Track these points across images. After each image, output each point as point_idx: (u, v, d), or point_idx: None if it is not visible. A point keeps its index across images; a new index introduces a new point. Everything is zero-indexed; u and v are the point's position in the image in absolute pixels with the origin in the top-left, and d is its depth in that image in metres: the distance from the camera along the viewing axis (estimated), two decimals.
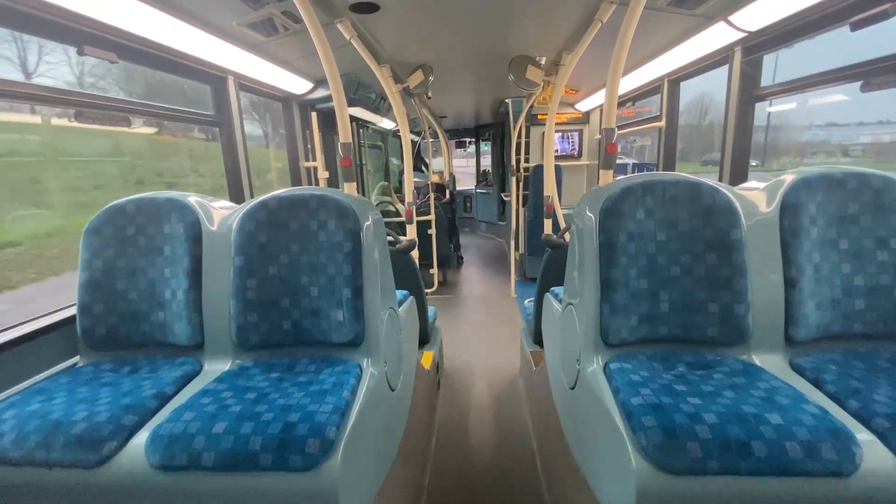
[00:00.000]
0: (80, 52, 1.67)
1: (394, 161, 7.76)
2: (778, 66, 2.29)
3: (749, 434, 0.88)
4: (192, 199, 1.49)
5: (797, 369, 1.20)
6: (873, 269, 1.23)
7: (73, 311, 1.45)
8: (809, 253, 1.25)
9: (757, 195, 1.34)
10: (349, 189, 2.00)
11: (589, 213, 1.32)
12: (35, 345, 1.35)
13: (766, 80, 2.29)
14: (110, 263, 1.42)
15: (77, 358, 1.44)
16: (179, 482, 0.96)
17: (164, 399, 1.17)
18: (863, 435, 0.91)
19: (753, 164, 2.38)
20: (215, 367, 1.37)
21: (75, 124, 1.62)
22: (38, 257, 2.76)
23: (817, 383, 1.11)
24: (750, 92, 2.29)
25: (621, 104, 4.17)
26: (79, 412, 1.04)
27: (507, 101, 5.08)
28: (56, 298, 1.59)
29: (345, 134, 1.94)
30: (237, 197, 2.58)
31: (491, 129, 8.17)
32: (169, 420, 1.02)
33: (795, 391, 1.02)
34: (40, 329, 1.38)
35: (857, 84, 1.73)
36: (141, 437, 1.02)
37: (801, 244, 1.25)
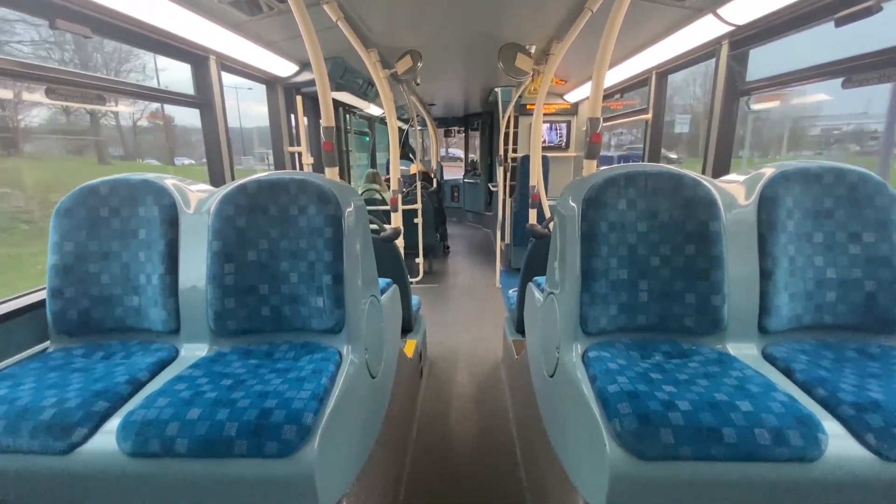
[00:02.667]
0: (53, 26, 1.60)
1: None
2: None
3: (720, 421, 0.90)
4: (169, 181, 1.45)
5: (769, 358, 1.23)
6: (845, 262, 1.26)
7: (43, 294, 1.41)
8: (785, 246, 1.27)
9: (736, 188, 1.36)
10: (331, 174, 1.97)
11: (572, 203, 1.32)
12: (3, 329, 1.31)
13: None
14: (82, 246, 1.38)
15: (47, 343, 1.40)
16: (152, 469, 0.94)
17: (137, 385, 1.15)
18: (829, 422, 0.94)
19: None
20: (192, 353, 1.35)
21: (45, 101, 1.56)
22: None
23: (788, 372, 1.14)
24: (735, 86, 2.31)
25: (610, 96, 4.17)
26: (48, 398, 1.02)
27: (496, 90, 5.04)
28: None
29: (327, 118, 1.90)
30: (218, 181, 2.52)
31: (480, 118, 8.12)
32: (142, 406, 1.00)
33: (766, 379, 1.04)
34: (8, 313, 1.34)
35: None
36: (112, 424, 1.00)
37: (778, 237, 1.27)
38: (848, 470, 0.88)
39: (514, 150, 5.04)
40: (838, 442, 0.90)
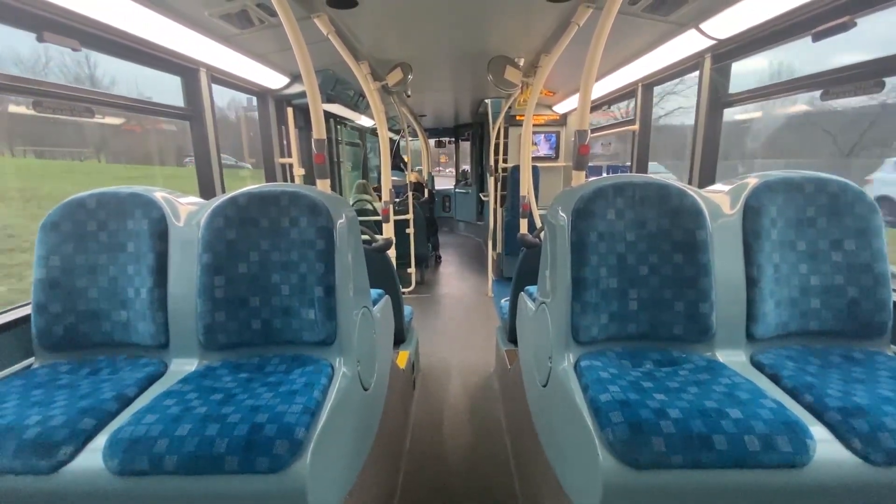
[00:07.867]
0: (40, 39, 1.59)
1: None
2: None
3: (710, 428, 0.91)
4: (158, 194, 1.44)
5: (757, 365, 1.25)
6: (828, 270, 1.29)
7: (27, 310, 1.38)
8: (770, 254, 1.30)
9: (722, 197, 1.39)
10: (323, 186, 1.97)
11: (562, 213, 1.34)
12: None
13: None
14: (69, 260, 1.36)
15: (32, 360, 1.37)
16: (140, 487, 0.92)
17: (124, 401, 1.13)
18: (816, 428, 0.95)
19: None
20: (181, 367, 1.33)
21: (29, 112, 1.54)
22: None
23: (775, 379, 1.16)
24: (718, 98, 2.37)
25: (597, 107, 4.24)
26: (32, 416, 0.99)
27: (486, 101, 5.10)
28: None
29: (318, 130, 1.91)
30: (207, 193, 2.51)
31: (470, 128, 8.19)
32: (129, 423, 0.98)
33: (754, 386, 1.06)
34: None
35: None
36: (99, 442, 0.98)
37: (763, 245, 1.30)
38: (836, 475, 0.89)
39: (505, 161, 5.08)
40: (826, 447, 0.91)
